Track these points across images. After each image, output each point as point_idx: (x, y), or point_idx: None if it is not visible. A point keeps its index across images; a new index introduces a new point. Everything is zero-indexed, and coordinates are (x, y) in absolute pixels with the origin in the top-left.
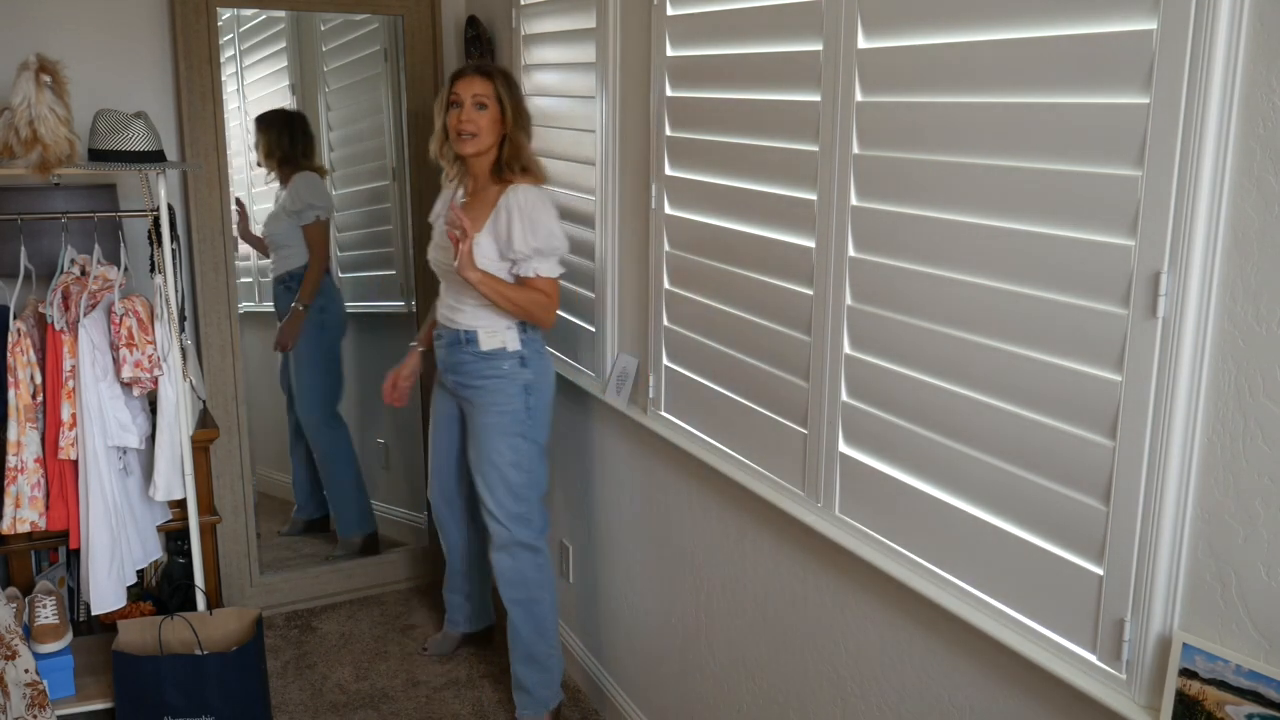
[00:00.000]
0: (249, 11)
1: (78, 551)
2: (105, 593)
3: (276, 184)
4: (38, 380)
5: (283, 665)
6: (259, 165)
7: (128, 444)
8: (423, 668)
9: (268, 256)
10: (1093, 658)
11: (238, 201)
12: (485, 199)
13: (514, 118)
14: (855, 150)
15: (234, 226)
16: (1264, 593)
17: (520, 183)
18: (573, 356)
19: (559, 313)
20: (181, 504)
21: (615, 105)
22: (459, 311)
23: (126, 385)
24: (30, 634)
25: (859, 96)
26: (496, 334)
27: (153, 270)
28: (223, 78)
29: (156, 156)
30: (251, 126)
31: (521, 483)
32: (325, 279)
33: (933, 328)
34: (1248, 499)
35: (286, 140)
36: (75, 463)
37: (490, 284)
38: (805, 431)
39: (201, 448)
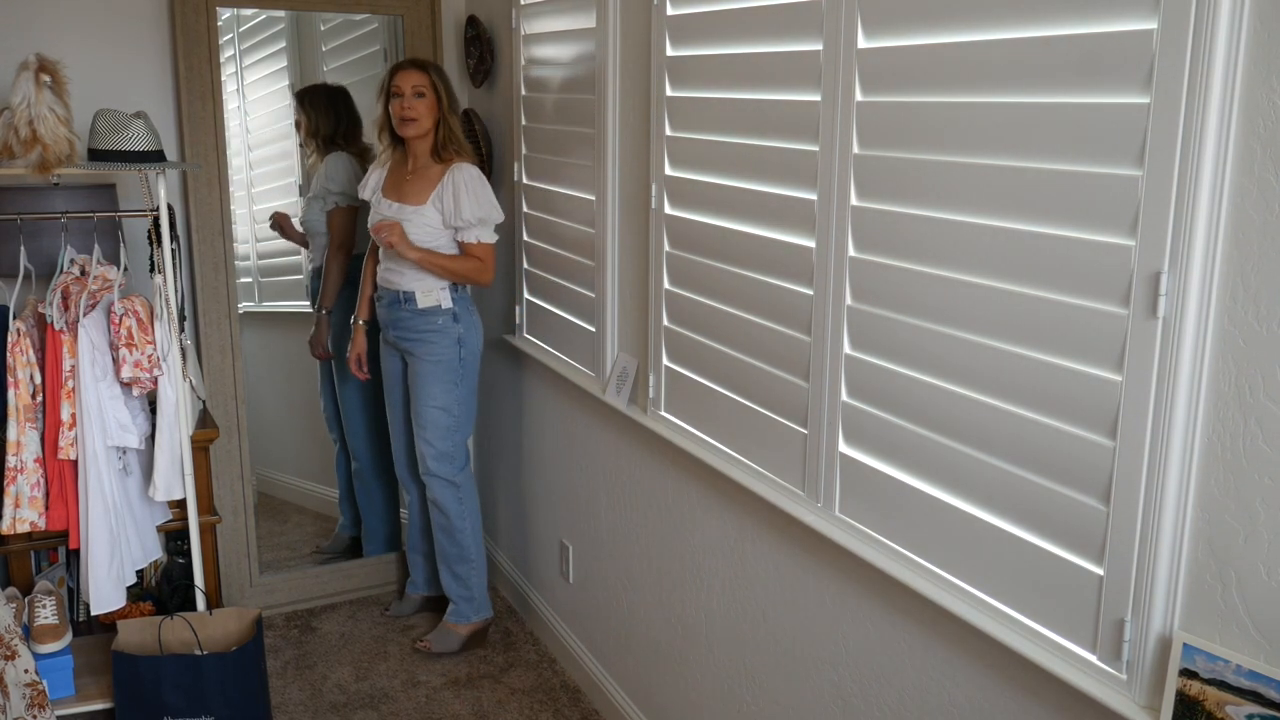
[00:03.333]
0: (249, 11)
1: (77, 551)
2: (105, 593)
3: (313, 164)
4: (37, 380)
5: (282, 665)
6: (300, 145)
7: (127, 444)
8: (423, 668)
9: None
10: (1093, 658)
11: (277, 216)
12: (427, 176)
13: (448, 103)
14: (855, 150)
15: (280, 228)
16: (1264, 593)
17: (459, 162)
18: (573, 356)
19: (565, 315)
20: (181, 504)
21: (615, 105)
22: (399, 275)
23: (126, 385)
24: (30, 634)
25: (859, 96)
26: (431, 294)
27: (152, 270)
28: (223, 78)
29: (156, 156)
30: (252, 127)
31: (449, 425)
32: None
33: (933, 328)
34: (1248, 499)
35: (331, 118)
36: (75, 463)
37: (429, 260)
38: (805, 431)
39: (201, 448)
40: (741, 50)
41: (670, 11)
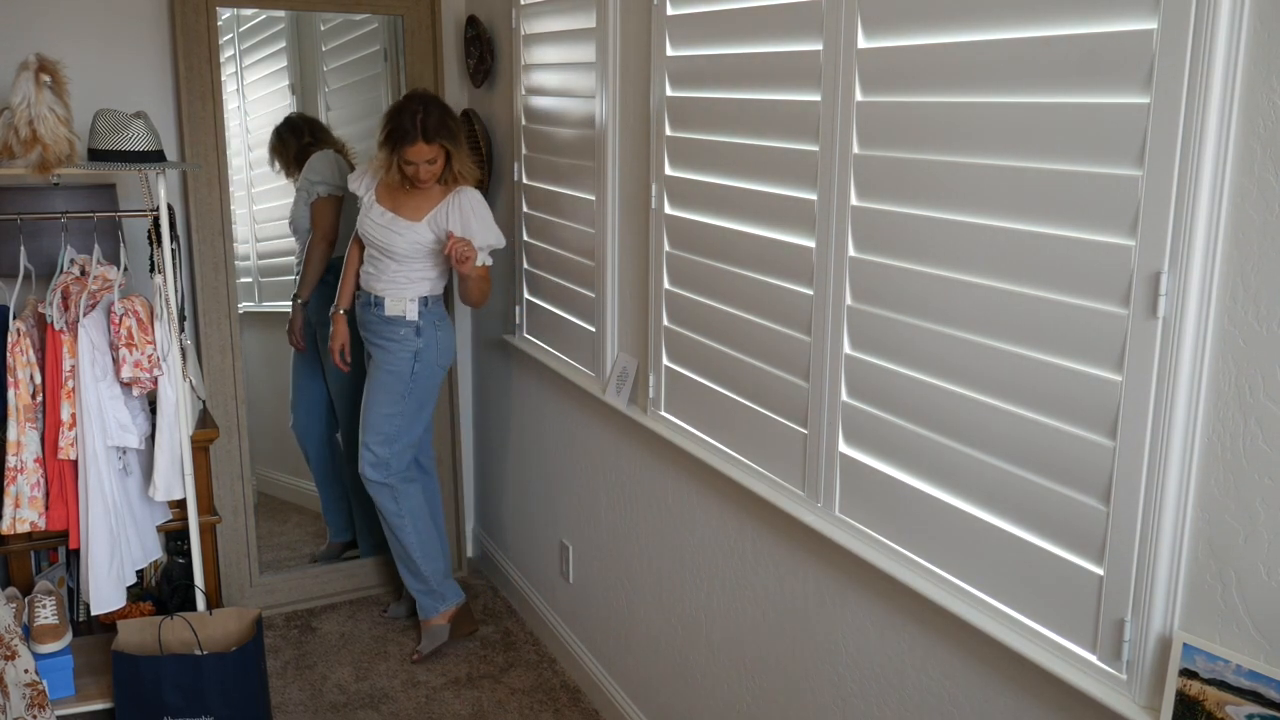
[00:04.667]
0: (249, 11)
1: (77, 551)
2: (105, 593)
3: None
4: (37, 380)
5: (282, 665)
6: (290, 179)
7: (127, 444)
8: (422, 668)
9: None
10: (1093, 658)
11: None
12: (428, 194)
13: (455, 152)
14: (855, 150)
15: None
16: (1264, 593)
17: (463, 185)
18: (573, 356)
19: (565, 315)
20: (181, 504)
21: (615, 105)
22: (376, 279)
23: (126, 385)
24: (30, 634)
25: (859, 96)
26: (399, 303)
27: (152, 270)
28: (223, 78)
29: (156, 156)
30: (251, 127)
31: (390, 433)
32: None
33: (933, 328)
34: (1248, 499)
35: (293, 145)
36: (75, 463)
37: (483, 277)
38: (805, 431)
39: (201, 448)
40: (741, 50)
41: (670, 11)
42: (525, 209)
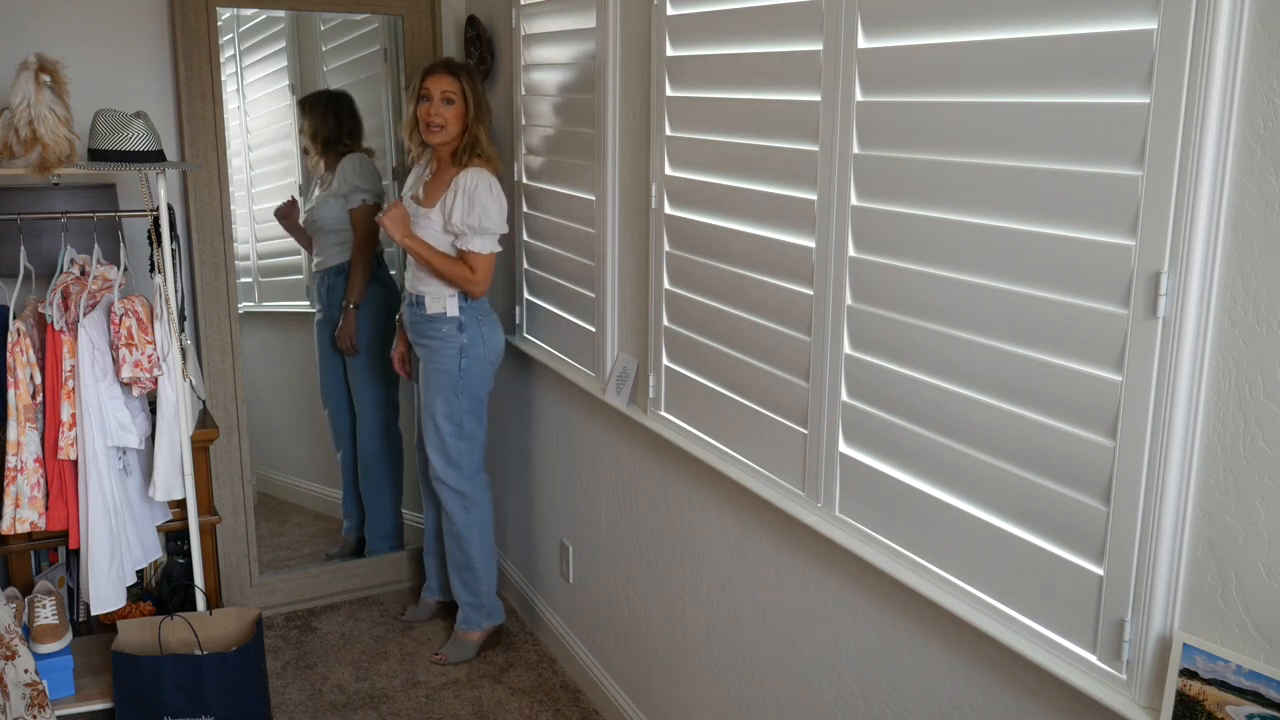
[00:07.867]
0: (249, 11)
1: (77, 551)
2: (105, 593)
3: (322, 169)
4: (37, 380)
5: (282, 665)
6: (305, 150)
7: (127, 444)
8: (423, 668)
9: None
10: (1093, 658)
11: (291, 200)
12: (444, 179)
13: (476, 112)
14: (855, 150)
15: (286, 217)
16: (1264, 593)
17: (474, 167)
18: (573, 356)
19: (565, 315)
20: (181, 504)
21: (615, 105)
22: (415, 278)
23: (126, 385)
24: (30, 634)
25: (859, 96)
26: (439, 300)
27: (152, 270)
28: (223, 78)
29: (156, 156)
30: (251, 126)
31: (450, 433)
32: (378, 270)
33: (933, 328)
34: (1248, 499)
35: (332, 122)
36: (75, 463)
37: (418, 251)
38: (805, 431)
39: (201, 448)
40: (741, 50)
41: (670, 11)
42: (525, 209)
